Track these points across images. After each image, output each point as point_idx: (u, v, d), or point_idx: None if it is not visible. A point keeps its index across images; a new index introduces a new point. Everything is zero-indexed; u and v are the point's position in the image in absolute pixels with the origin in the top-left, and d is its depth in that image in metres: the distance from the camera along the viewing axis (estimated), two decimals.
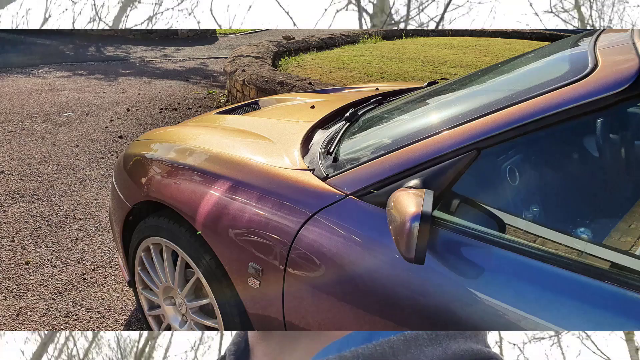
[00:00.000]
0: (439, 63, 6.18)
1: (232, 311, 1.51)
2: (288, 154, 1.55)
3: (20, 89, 5.97)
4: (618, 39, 1.23)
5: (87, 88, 6.19)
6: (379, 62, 6.06)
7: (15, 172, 3.64)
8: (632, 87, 0.99)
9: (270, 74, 4.97)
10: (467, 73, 2.09)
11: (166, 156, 1.75)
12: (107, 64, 7.70)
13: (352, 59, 6.19)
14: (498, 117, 1.11)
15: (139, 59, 8.23)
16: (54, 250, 2.68)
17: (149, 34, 10.34)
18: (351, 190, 1.27)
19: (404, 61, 6.19)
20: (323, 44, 7.47)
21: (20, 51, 8.30)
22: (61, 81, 6.48)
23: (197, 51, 9.16)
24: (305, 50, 7.11)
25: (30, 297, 2.32)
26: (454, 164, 1.12)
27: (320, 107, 2.11)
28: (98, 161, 3.90)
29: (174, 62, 8.10)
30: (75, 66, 7.44)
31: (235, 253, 1.44)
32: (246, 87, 5.03)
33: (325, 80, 5.10)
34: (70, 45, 9.07)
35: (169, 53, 8.90)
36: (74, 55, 8.28)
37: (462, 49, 7.15)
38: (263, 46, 6.60)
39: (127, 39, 10.10)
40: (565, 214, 1.18)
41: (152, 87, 6.36)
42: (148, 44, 9.64)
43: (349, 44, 7.76)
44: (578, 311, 0.94)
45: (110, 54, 8.59)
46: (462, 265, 1.07)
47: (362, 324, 1.19)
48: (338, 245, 1.22)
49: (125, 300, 2.31)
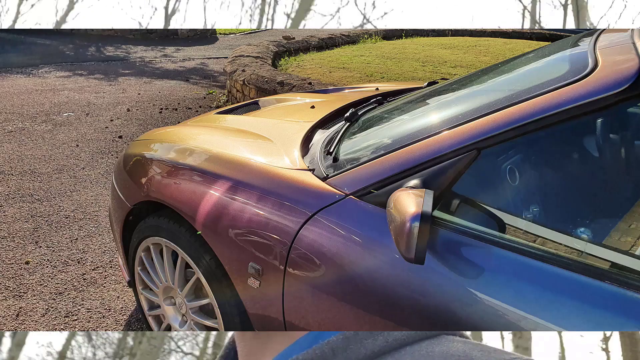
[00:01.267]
0: (439, 63, 6.18)
1: (232, 311, 1.51)
2: (288, 154, 1.55)
3: (20, 89, 5.97)
4: (618, 39, 1.23)
5: (87, 88, 6.18)
6: (379, 62, 6.06)
7: (15, 172, 3.64)
8: (632, 87, 0.99)
9: (270, 74, 4.97)
10: (467, 73, 2.09)
11: (166, 156, 1.75)
12: (107, 64, 7.70)
13: (352, 59, 6.19)
14: (498, 117, 1.11)
15: (139, 59, 8.23)
16: (54, 250, 2.68)
17: (149, 34, 10.34)
18: (351, 190, 1.27)
19: (404, 61, 6.19)
20: (323, 44, 7.47)
21: (20, 51, 8.30)
22: (61, 81, 6.48)
23: (197, 51, 9.16)
24: (305, 50, 7.11)
25: (30, 297, 2.32)
26: (454, 164, 1.12)
27: (320, 107, 2.11)
28: (98, 161, 3.90)
29: (174, 62, 8.10)
30: (75, 66, 7.44)
31: (235, 253, 1.44)
32: (246, 87, 5.03)
33: (325, 80, 5.10)
34: (70, 45, 9.07)
35: (169, 53, 8.90)
36: (74, 55, 8.28)
37: (462, 49, 7.15)
38: (263, 46, 6.60)
39: (127, 39, 10.10)
40: (565, 214, 1.18)
41: (152, 87, 6.36)
42: (148, 44, 9.64)
43: (349, 44, 7.76)
44: (578, 311, 0.94)
45: (110, 54, 8.59)
46: (462, 265, 1.07)
47: (362, 324, 1.19)
48: (338, 245, 1.22)
49: (125, 300, 2.31)
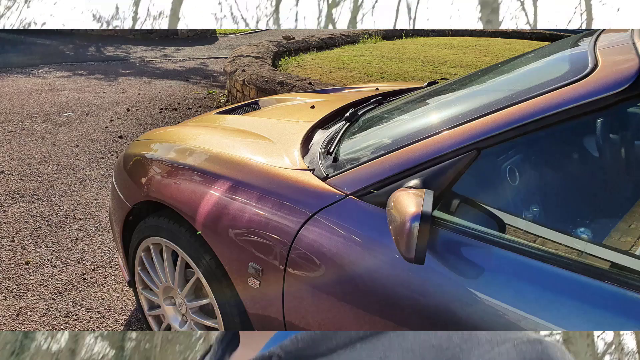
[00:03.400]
0: (439, 63, 6.18)
1: (232, 311, 1.51)
2: (288, 154, 1.55)
3: (20, 89, 5.97)
4: (618, 39, 1.23)
5: (87, 88, 6.18)
6: (379, 62, 6.06)
7: (15, 172, 3.64)
8: (632, 87, 0.99)
9: (270, 74, 4.97)
10: (467, 73, 2.09)
11: (166, 156, 1.75)
12: (107, 64, 7.70)
13: (352, 59, 6.19)
14: (498, 117, 1.11)
15: (139, 59, 8.23)
16: (54, 250, 2.68)
17: (149, 34, 10.34)
18: (351, 190, 1.27)
19: (404, 61, 6.19)
20: (323, 44, 7.47)
21: (20, 51, 8.30)
22: (61, 81, 6.48)
23: (197, 51, 9.16)
24: (305, 50, 7.11)
25: (30, 297, 2.32)
26: (454, 164, 1.12)
27: (320, 107, 2.11)
28: (98, 161, 3.90)
29: (174, 62, 8.10)
30: (75, 66, 7.44)
31: (235, 253, 1.44)
32: (246, 87, 5.03)
33: (325, 80, 5.10)
34: (70, 45, 9.07)
35: (169, 53, 8.90)
36: (74, 55, 8.28)
37: (462, 49, 7.15)
38: (263, 46, 6.60)
39: (127, 39, 10.10)
40: (565, 214, 1.18)
41: (152, 87, 6.36)
42: (148, 44, 9.64)
43: (349, 44, 7.76)
44: (578, 311, 0.94)
45: (110, 54, 8.59)
46: (462, 265, 1.07)
47: (362, 324, 1.19)
48: (338, 245, 1.22)
49: (125, 300, 2.31)
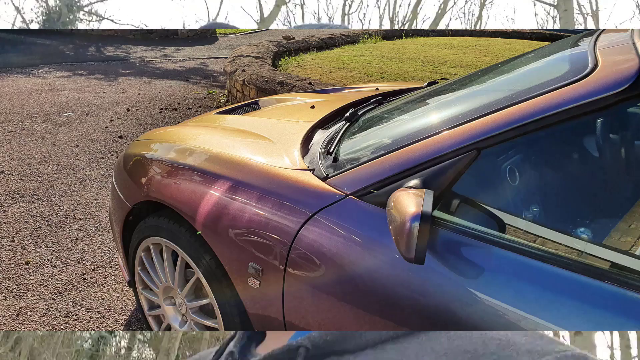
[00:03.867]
0: (439, 63, 6.18)
1: (232, 311, 1.51)
2: (288, 154, 1.55)
3: (20, 89, 5.97)
4: (618, 39, 1.23)
5: (87, 88, 6.18)
6: (379, 62, 6.06)
7: (15, 172, 3.64)
8: (632, 87, 0.99)
9: (270, 74, 4.97)
10: (467, 73, 2.09)
11: (166, 156, 1.75)
12: (107, 64, 7.70)
13: (352, 59, 6.19)
14: (498, 117, 1.11)
15: (139, 59, 8.23)
16: (54, 250, 2.68)
17: (149, 34, 10.34)
18: (351, 190, 1.27)
19: (404, 61, 6.19)
20: (323, 44, 7.47)
21: (20, 51, 8.30)
22: (61, 81, 6.48)
23: (197, 51, 9.16)
24: (305, 50, 7.11)
25: (30, 297, 2.32)
26: (454, 164, 1.12)
27: (320, 107, 2.11)
28: (98, 161, 3.90)
29: (174, 62, 8.10)
30: (75, 66, 7.44)
31: (235, 253, 1.44)
32: (246, 87, 5.03)
33: (325, 80, 5.10)
34: (70, 45, 9.07)
35: (169, 53, 8.90)
36: (74, 55, 8.28)
37: (462, 49, 7.15)
38: (263, 46, 6.60)
39: (127, 39, 10.10)
40: (565, 214, 1.18)
41: (152, 87, 6.36)
42: (148, 44, 9.64)
43: (349, 44, 7.76)
44: (578, 311, 0.94)
45: (110, 54, 8.59)
46: (462, 265, 1.07)
47: (362, 324, 1.19)
48: (338, 245, 1.22)
49: (125, 300, 2.31)
